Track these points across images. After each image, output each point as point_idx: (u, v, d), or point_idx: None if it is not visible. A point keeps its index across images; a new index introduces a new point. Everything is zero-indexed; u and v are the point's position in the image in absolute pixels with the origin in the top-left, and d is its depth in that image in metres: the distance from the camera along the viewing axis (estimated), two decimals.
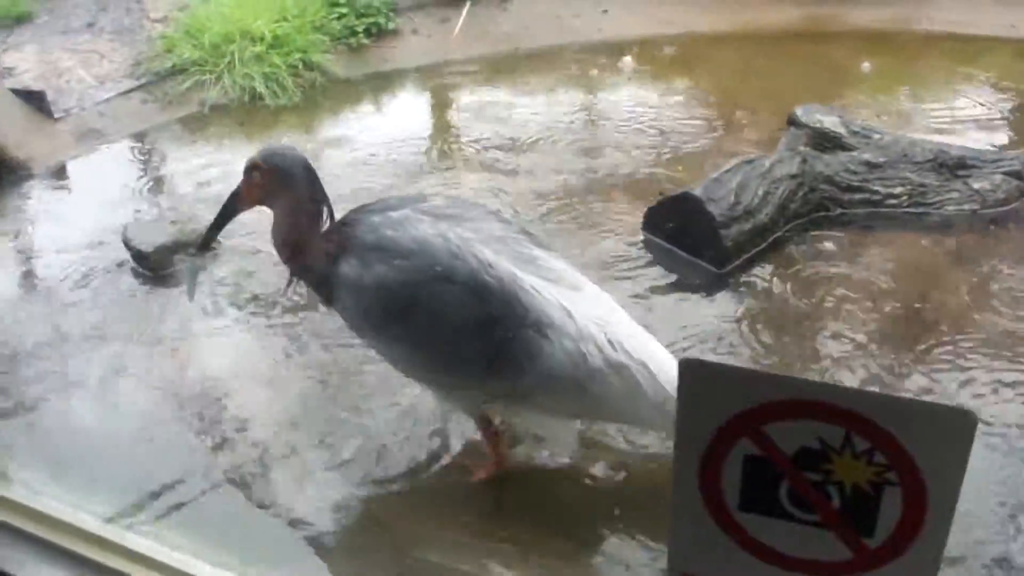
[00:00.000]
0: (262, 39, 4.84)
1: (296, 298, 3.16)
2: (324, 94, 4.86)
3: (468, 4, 5.43)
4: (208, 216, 2.73)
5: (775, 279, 3.24)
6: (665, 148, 4.19)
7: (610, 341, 2.22)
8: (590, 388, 2.22)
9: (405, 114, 4.90)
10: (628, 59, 5.12)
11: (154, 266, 3.52)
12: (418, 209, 2.34)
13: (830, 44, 5.08)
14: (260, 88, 4.70)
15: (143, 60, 5.00)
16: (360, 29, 5.18)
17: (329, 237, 2.32)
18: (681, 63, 5.18)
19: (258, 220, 2.68)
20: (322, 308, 2.62)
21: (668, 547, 0.98)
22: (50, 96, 4.72)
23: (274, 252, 2.42)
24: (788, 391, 0.85)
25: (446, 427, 2.64)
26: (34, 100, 4.67)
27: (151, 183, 4.28)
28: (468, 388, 2.38)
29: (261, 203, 2.39)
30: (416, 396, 2.69)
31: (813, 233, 3.47)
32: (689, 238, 3.36)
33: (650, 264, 3.38)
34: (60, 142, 4.47)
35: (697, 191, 3.35)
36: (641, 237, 3.48)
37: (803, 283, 3.21)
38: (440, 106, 4.96)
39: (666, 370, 2.22)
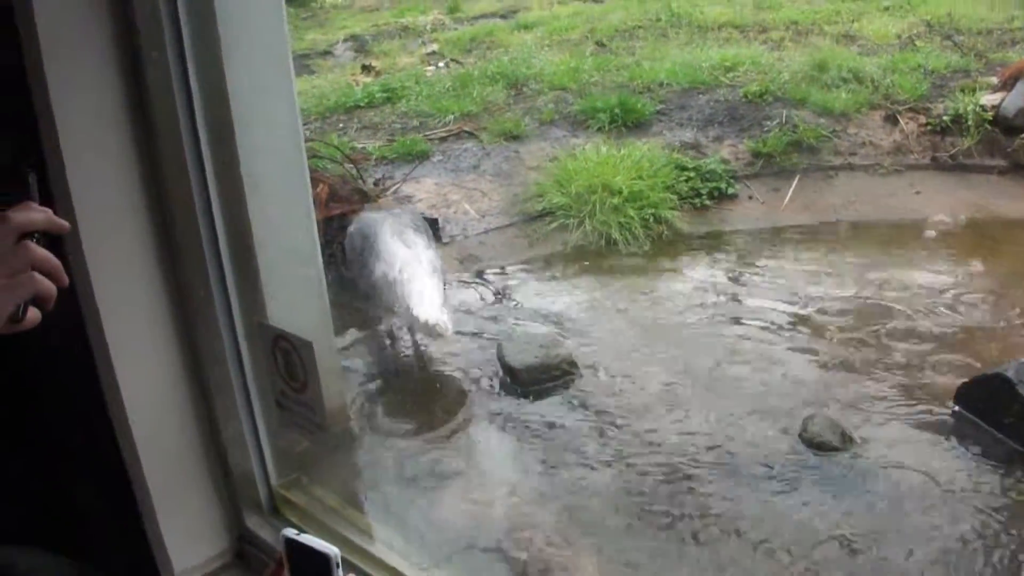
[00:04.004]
0: (620, 193, 5.59)
1: None
2: (669, 245, 5.54)
3: (798, 177, 6.06)
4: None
5: None
6: (971, 325, 4.51)
7: (400, 270, 4.14)
8: (385, 291, 4.16)
9: (737, 270, 5.42)
10: (931, 232, 5.59)
11: (523, 382, 4.12)
12: (387, 211, 4.79)
13: None
14: (615, 235, 5.44)
15: (518, 201, 5.86)
16: (704, 192, 5.87)
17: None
18: (986, 246, 5.51)
19: None
20: None
21: None
22: (440, 223, 5.59)
23: None
24: None
25: None
26: (429, 225, 5.66)
27: (520, 307, 5.00)
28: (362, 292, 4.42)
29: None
30: None
31: None
32: (997, 415, 3.63)
33: (959, 435, 3.68)
34: (446, 264, 5.29)
35: (1009, 373, 3.63)
36: (952, 408, 3.79)
37: None
38: (764, 267, 5.47)
39: (413, 288, 4.09)
